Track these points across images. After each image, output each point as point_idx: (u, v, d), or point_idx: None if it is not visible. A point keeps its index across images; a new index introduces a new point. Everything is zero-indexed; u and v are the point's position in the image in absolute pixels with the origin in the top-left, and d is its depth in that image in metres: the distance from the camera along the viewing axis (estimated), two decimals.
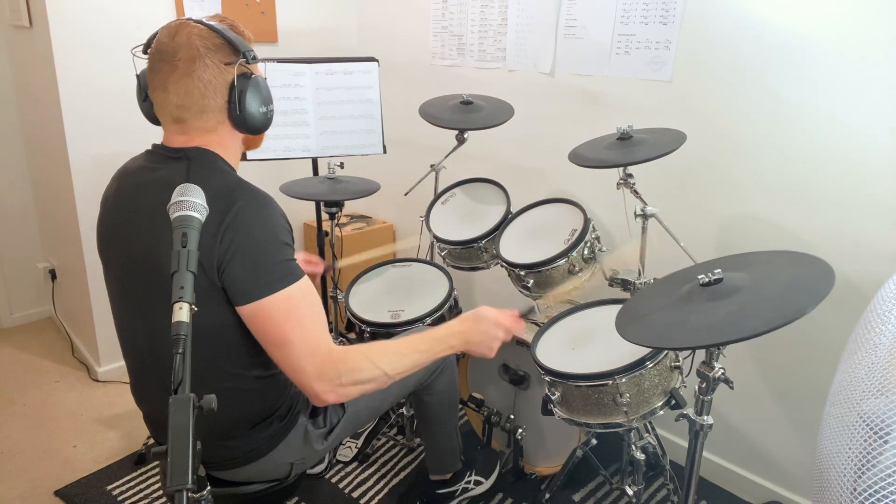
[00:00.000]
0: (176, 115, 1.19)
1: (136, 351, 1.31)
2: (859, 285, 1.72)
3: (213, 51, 1.16)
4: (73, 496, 2.02)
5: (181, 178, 1.14)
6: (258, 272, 1.13)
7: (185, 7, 2.48)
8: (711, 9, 1.86)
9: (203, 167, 1.19)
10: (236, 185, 1.17)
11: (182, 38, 1.15)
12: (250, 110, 1.21)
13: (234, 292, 1.13)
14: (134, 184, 1.24)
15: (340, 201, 2.23)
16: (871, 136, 1.63)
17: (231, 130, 1.24)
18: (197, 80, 1.16)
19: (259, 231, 1.14)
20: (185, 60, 1.15)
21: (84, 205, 2.45)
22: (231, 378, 1.24)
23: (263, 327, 1.16)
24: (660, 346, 1.19)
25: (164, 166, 1.21)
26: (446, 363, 1.76)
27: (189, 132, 1.21)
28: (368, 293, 2.07)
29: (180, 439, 0.78)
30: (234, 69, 1.18)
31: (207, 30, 1.17)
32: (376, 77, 2.31)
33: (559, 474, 1.93)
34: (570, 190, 2.37)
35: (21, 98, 2.84)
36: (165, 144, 1.24)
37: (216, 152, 1.22)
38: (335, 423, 1.45)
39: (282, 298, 1.14)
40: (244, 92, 1.19)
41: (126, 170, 1.29)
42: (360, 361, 1.20)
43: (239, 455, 1.32)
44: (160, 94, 1.19)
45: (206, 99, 1.18)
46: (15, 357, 2.87)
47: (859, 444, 1.07)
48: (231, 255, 1.11)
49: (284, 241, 1.17)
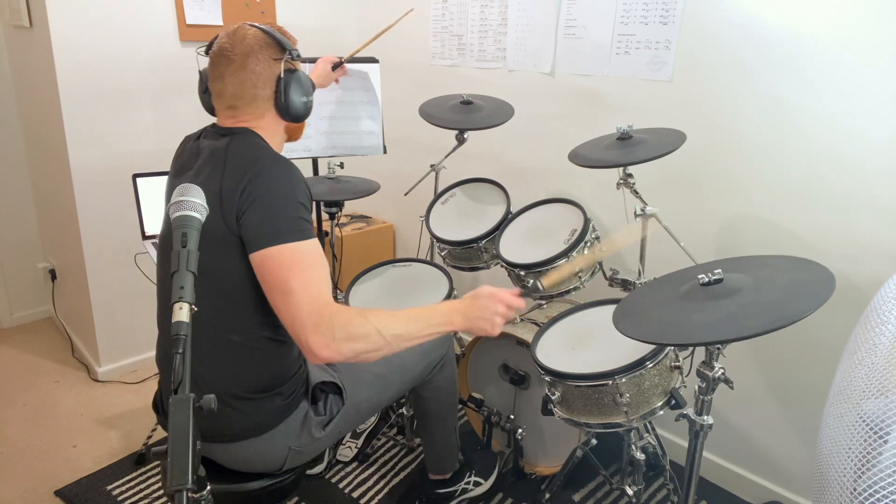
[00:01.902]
0: (230, 102, 1.35)
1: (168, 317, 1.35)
2: (859, 285, 1.72)
3: (265, 48, 1.34)
4: (73, 496, 2.03)
5: (222, 148, 1.32)
6: (271, 221, 1.23)
7: (185, 8, 2.49)
8: (711, 9, 1.87)
9: (242, 141, 1.33)
10: (265, 150, 1.33)
11: (239, 37, 1.34)
12: (293, 100, 1.37)
13: (247, 238, 1.23)
14: (190, 150, 1.41)
15: (340, 201, 2.23)
16: (870, 137, 1.63)
17: (276, 118, 1.40)
18: (250, 72, 1.33)
19: (277, 186, 1.26)
20: (240, 55, 1.32)
21: (84, 205, 2.46)
22: (238, 331, 1.31)
23: (269, 274, 1.23)
24: (657, 341, 1.18)
25: (214, 141, 1.37)
26: (446, 359, 1.76)
27: (239, 116, 1.37)
28: (368, 293, 2.07)
29: (180, 439, 0.78)
30: (282, 64, 1.35)
31: (260, 31, 1.36)
32: (377, 77, 2.31)
33: (559, 474, 1.93)
34: (570, 190, 2.37)
35: (21, 98, 2.84)
36: (217, 125, 1.41)
37: (258, 133, 1.37)
38: (335, 413, 1.47)
39: (290, 250, 1.22)
40: (289, 84, 1.36)
41: (187, 140, 1.48)
42: (354, 317, 1.23)
43: (238, 427, 1.34)
44: (218, 84, 1.35)
45: (257, 89, 1.34)
46: (15, 357, 2.87)
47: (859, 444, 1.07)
48: (249, 203, 1.23)
49: (300, 201, 1.27)
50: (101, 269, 2.55)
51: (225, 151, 1.31)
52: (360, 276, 2.16)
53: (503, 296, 1.34)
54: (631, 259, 2.21)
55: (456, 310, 1.32)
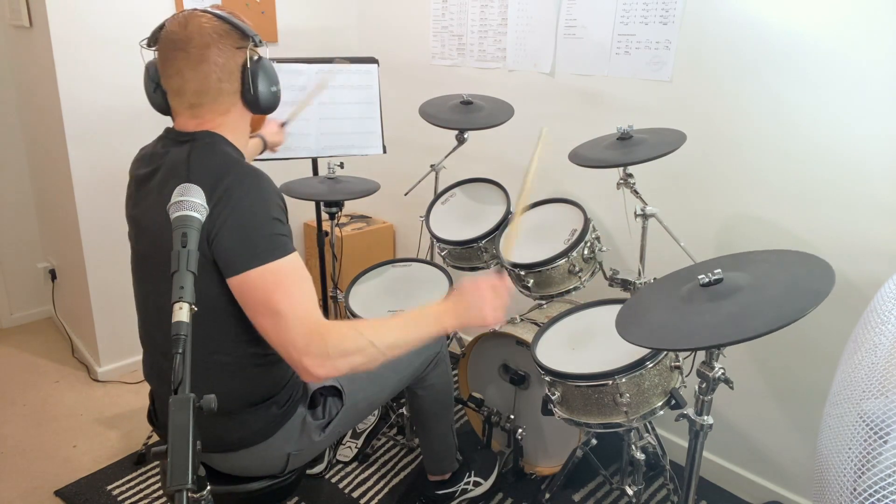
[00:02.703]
0: (193, 101, 1.24)
1: (150, 334, 1.35)
2: (859, 285, 1.72)
3: (224, 36, 1.23)
4: (73, 496, 2.03)
5: (183, 160, 1.21)
6: (246, 244, 1.16)
7: (185, 7, 2.49)
8: (711, 9, 1.86)
9: (205, 149, 1.24)
10: (232, 162, 1.22)
11: (194, 27, 1.21)
12: (262, 90, 1.28)
13: (223, 264, 1.16)
14: (148, 169, 1.31)
15: (340, 201, 2.23)
16: (871, 136, 1.63)
17: (242, 111, 1.31)
18: (213, 64, 1.22)
19: (248, 204, 1.17)
20: (199, 47, 1.21)
21: (84, 204, 2.45)
22: (227, 353, 1.26)
23: (252, 299, 1.16)
24: (661, 346, 1.18)
25: (173, 149, 1.26)
26: (440, 356, 1.75)
27: (202, 116, 1.26)
28: (368, 293, 2.07)
29: (180, 439, 0.78)
30: (246, 52, 1.26)
31: (215, 18, 1.24)
32: (376, 77, 2.31)
33: (559, 474, 1.93)
34: (570, 190, 2.37)
35: (21, 98, 2.84)
36: (177, 129, 1.29)
37: (223, 135, 1.27)
38: (333, 415, 1.45)
39: (270, 271, 1.16)
40: (256, 74, 1.27)
41: (142, 154, 1.36)
42: (346, 332, 1.19)
43: (236, 439, 1.32)
44: (176, 81, 1.24)
45: (222, 82, 1.24)
46: (15, 357, 2.87)
47: (859, 444, 1.07)
48: (219, 227, 1.15)
49: (274, 217, 1.19)
50: (101, 269, 2.55)
51: (187, 164, 1.21)
52: (360, 276, 2.16)
53: (484, 283, 1.30)
54: (631, 259, 2.21)
55: (445, 311, 1.28)
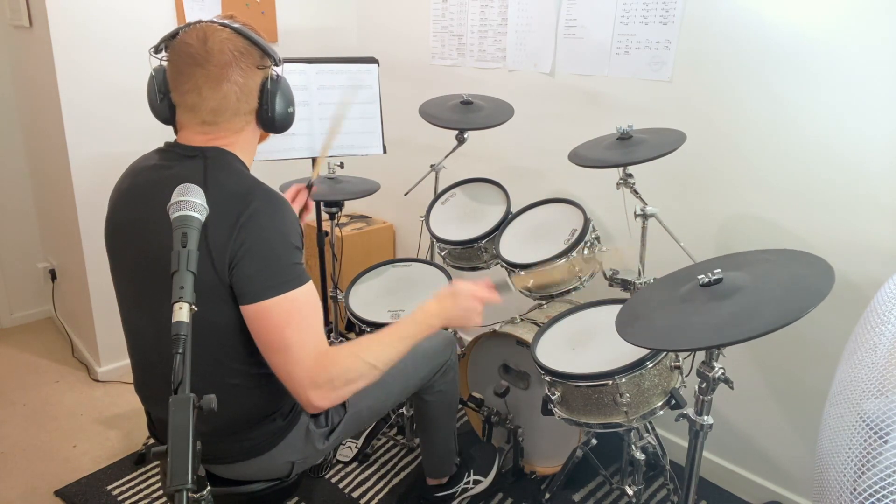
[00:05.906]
0: (208, 118, 1.21)
1: (143, 349, 1.32)
2: (859, 285, 1.72)
3: (245, 55, 1.21)
4: (73, 496, 2.02)
5: (198, 177, 1.17)
6: (267, 273, 1.15)
7: (185, 7, 2.48)
8: (711, 9, 1.86)
9: (221, 167, 1.21)
10: (253, 185, 1.20)
11: (214, 43, 1.18)
12: (279, 111, 1.27)
13: (241, 291, 1.15)
14: (148, 181, 1.25)
15: (340, 201, 2.23)
16: (871, 136, 1.63)
17: (255, 130, 1.29)
18: (233, 84, 1.19)
19: (272, 232, 1.16)
20: (219, 66, 1.18)
21: (84, 205, 2.45)
22: (237, 375, 1.25)
23: (264, 329, 1.16)
24: (661, 347, 1.19)
25: (180, 164, 1.22)
26: (449, 364, 1.75)
27: (214, 133, 1.23)
28: (368, 293, 2.07)
29: (180, 439, 0.78)
30: (267, 73, 1.24)
31: (235, 34, 1.21)
32: (376, 77, 2.30)
33: (559, 474, 1.93)
34: (570, 190, 2.37)
35: (21, 98, 2.84)
36: (180, 143, 1.25)
37: (233, 152, 1.25)
38: (336, 423, 1.45)
39: (287, 300, 1.15)
40: (275, 94, 1.25)
41: (139, 167, 1.30)
42: (348, 361, 1.21)
43: (239, 452, 1.32)
44: (192, 98, 1.20)
45: (241, 102, 1.22)
46: (15, 357, 2.87)
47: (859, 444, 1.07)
48: (243, 254, 1.13)
49: (295, 245, 1.19)
50: (101, 269, 2.55)
51: (203, 182, 1.15)
52: (360, 276, 2.16)
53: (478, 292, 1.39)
54: (631, 259, 2.21)
55: (434, 313, 1.35)
